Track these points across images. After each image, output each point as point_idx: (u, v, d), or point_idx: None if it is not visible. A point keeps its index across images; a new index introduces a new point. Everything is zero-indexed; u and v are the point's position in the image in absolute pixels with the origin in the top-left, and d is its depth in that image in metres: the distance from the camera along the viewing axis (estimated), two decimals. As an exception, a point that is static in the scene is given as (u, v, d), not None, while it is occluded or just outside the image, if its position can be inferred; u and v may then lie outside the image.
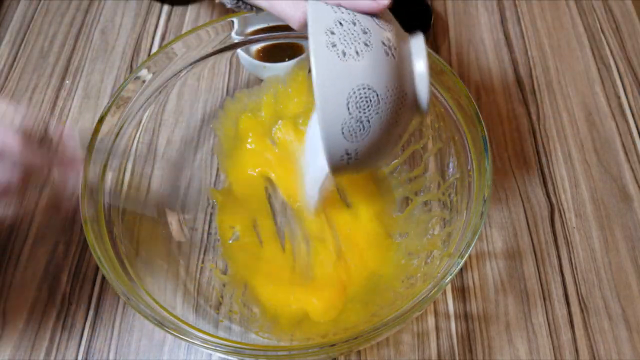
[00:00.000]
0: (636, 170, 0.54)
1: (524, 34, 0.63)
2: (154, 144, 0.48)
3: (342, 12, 0.31)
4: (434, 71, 0.42)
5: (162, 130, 0.49)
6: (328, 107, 0.30)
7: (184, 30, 0.63)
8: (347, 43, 0.30)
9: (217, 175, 0.52)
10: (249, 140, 0.53)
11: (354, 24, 0.30)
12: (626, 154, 0.55)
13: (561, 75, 0.60)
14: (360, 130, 0.31)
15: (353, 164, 0.33)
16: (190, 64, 0.46)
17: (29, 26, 0.63)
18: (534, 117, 0.57)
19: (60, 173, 0.37)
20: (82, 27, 0.63)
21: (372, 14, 0.31)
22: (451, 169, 0.45)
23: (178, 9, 0.65)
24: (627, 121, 0.57)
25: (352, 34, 0.30)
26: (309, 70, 0.50)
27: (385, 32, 0.31)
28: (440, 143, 0.47)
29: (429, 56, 0.33)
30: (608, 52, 0.61)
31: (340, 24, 0.30)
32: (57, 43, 0.62)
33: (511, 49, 0.62)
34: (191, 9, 0.65)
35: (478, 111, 0.39)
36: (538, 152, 0.55)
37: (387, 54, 0.30)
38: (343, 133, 0.31)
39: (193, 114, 0.52)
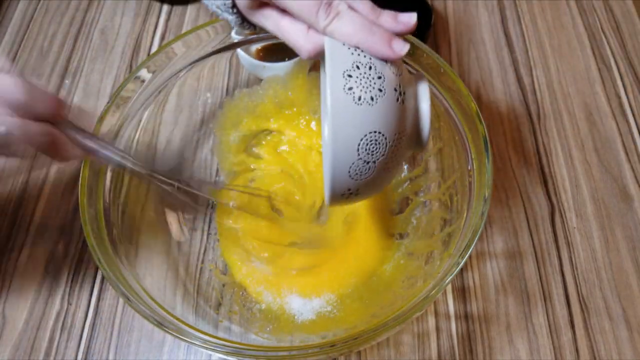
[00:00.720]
0: (637, 170, 0.54)
1: (525, 33, 0.63)
2: (153, 143, 0.48)
3: (359, 55, 0.30)
4: (435, 70, 0.42)
5: (162, 130, 0.49)
6: (339, 151, 0.30)
7: (183, 30, 0.63)
8: (364, 88, 0.30)
9: (217, 175, 0.52)
10: (249, 140, 0.53)
11: (370, 68, 0.30)
12: (627, 153, 0.55)
13: (562, 74, 0.60)
14: (365, 170, 0.31)
15: (352, 198, 0.34)
16: (190, 64, 0.46)
17: (28, 26, 0.63)
18: (535, 117, 0.57)
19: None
20: (82, 27, 0.63)
21: (386, 60, 0.31)
22: (451, 169, 0.45)
23: (178, 9, 0.65)
24: (627, 121, 0.57)
25: (369, 78, 0.30)
26: (309, 70, 0.50)
27: (397, 77, 0.31)
28: (440, 143, 0.47)
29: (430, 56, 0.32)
30: (609, 52, 0.61)
31: (358, 67, 0.30)
32: (56, 43, 0.62)
33: (511, 49, 0.62)
34: (191, 9, 0.65)
35: (478, 111, 0.39)
36: (538, 152, 0.55)
37: (397, 100, 0.31)
38: (349, 174, 0.31)
39: (192, 114, 0.52)
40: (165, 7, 0.65)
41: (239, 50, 0.50)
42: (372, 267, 0.46)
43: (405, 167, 0.51)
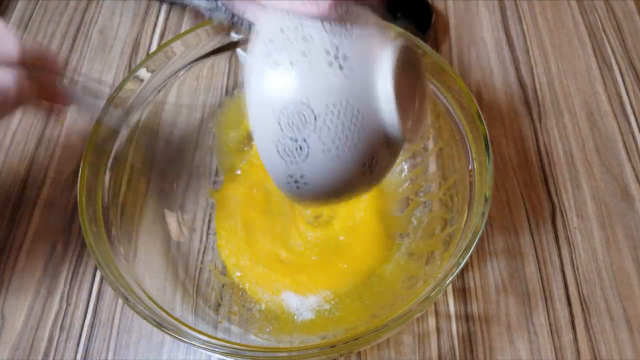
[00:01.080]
0: (638, 169, 0.53)
1: (525, 33, 0.63)
2: (152, 143, 0.48)
3: (288, 19, 0.27)
4: (435, 70, 0.42)
5: (161, 130, 0.49)
6: (258, 122, 0.27)
7: (183, 29, 0.63)
8: (283, 52, 0.26)
9: (216, 175, 0.52)
10: (248, 140, 0.52)
11: (296, 30, 0.27)
12: (628, 153, 0.54)
13: (562, 74, 0.60)
14: (297, 150, 0.27)
15: (307, 191, 0.29)
16: (189, 63, 0.46)
17: (27, 25, 0.63)
18: (535, 117, 0.57)
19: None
20: (81, 26, 0.63)
21: (322, 19, 0.27)
22: (452, 169, 0.45)
23: (177, 8, 0.64)
24: (628, 120, 0.56)
25: (291, 41, 0.26)
26: None
27: (334, 39, 0.26)
28: (441, 143, 0.47)
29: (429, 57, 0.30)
30: (609, 51, 0.61)
31: (282, 30, 0.27)
32: (55, 42, 0.62)
33: (512, 48, 0.62)
34: (190, 8, 0.64)
35: (479, 110, 0.39)
36: (539, 152, 0.55)
37: (331, 65, 0.26)
38: (279, 152, 0.27)
39: (192, 114, 0.51)
40: (165, 6, 0.64)
41: (238, 49, 0.49)
42: (372, 267, 0.46)
43: (405, 167, 0.50)
